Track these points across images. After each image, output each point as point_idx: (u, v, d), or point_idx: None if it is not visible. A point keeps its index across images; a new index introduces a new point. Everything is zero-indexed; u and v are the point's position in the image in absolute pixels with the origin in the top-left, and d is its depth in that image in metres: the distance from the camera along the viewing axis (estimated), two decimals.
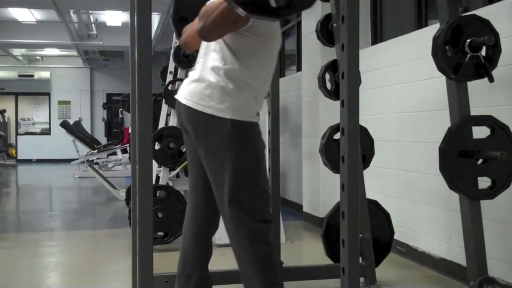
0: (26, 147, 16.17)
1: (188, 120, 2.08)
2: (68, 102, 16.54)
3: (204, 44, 2.12)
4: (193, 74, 2.12)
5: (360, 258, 3.07)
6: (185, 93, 2.08)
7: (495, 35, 2.53)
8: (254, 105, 2.07)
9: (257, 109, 2.12)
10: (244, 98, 2.02)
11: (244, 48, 1.99)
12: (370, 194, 3.39)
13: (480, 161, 2.54)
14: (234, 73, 2.00)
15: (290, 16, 1.75)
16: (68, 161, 10.61)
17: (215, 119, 1.98)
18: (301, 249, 4.44)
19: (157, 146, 4.27)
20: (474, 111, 2.61)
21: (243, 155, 2.00)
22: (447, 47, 2.49)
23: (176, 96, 2.14)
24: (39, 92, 16.42)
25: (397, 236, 3.51)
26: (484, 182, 2.58)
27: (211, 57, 2.05)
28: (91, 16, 11.43)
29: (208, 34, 1.87)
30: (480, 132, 2.57)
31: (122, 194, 7.10)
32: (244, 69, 2.00)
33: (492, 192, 2.56)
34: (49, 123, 16.47)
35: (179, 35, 2.32)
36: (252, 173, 2.01)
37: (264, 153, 2.11)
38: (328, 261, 3.27)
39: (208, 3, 1.85)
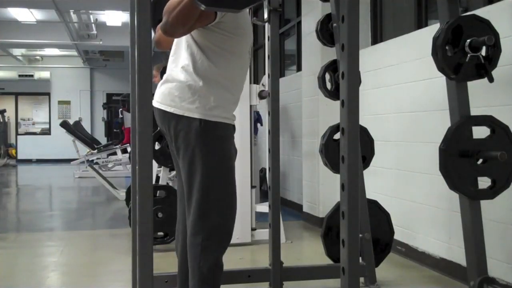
0: (26, 147, 16.18)
1: (162, 123, 2.03)
2: (68, 102, 16.54)
3: (174, 42, 2.08)
4: (165, 75, 2.08)
5: (360, 258, 3.07)
6: (157, 96, 2.04)
7: (495, 35, 2.52)
8: (227, 105, 2.01)
9: (232, 109, 2.05)
10: (215, 97, 1.96)
11: (213, 45, 1.94)
12: (370, 194, 3.39)
13: (480, 161, 2.54)
14: (204, 71, 1.95)
15: (251, 7, 1.72)
16: (68, 161, 10.61)
17: (183, 119, 1.94)
18: (301, 249, 4.44)
19: (157, 146, 4.28)
20: (474, 111, 2.61)
21: (211, 158, 1.94)
22: (447, 47, 2.49)
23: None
24: (39, 92, 16.43)
25: (397, 236, 3.51)
26: (484, 182, 2.58)
27: (181, 56, 2.00)
28: (91, 16, 11.43)
29: (171, 30, 1.81)
30: (480, 132, 2.57)
31: (122, 194, 7.10)
32: (214, 66, 1.95)
33: (492, 192, 2.56)
34: (49, 123, 16.47)
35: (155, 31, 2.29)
36: (220, 179, 1.96)
37: (234, 159, 2.04)
38: (328, 261, 3.27)
39: None
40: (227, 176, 1.99)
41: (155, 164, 4.48)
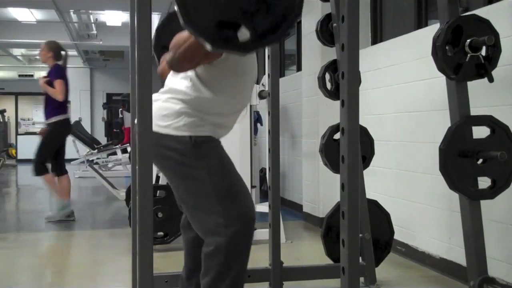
0: (26, 147, 16.14)
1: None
2: (68, 102, 16.52)
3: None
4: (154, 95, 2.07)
5: (360, 258, 3.07)
6: None
7: (495, 35, 2.52)
8: (215, 128, 1.98)
9: (219, 133, 2.01)
10: (204, 121, 1.94)
11: (214, 80, 1.92)
12: (370, 194, 3.39)
13: (480, 161, 2.54)
14: (200, 100, 1.92)
15: (258, 51, 1.71)
16: (68, 161, 10.59)
17: (173, 138, 1.91)
18: (301, 249, 4.44)
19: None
20: (474, 111, 2.61)
21: (216, 168, 1.91)
22: (447, 47, 2.49)
23: None
24: (39, 92, 16.34)
25: (397, 236, 3.51)
26: (484, 182, 2.58)
27: (178, 81, 1.97)
28: (91, 16, 11.43)
29: (178, 66, 1.82)
30: (480, 132, 2.57)
31: (122, 194, 7.10)
32: (211, 97, 1.92)
33: (492, 192, 2.56)
34: None
35: (159, 61, 2.30)
36: (229, 181, 1.93)
37: (231, 162, 2.01)
38: (328, 261, 3.27)
39: (179, 33, 1.77)
40: (234, 177, 1.97)
41: None
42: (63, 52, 5.71)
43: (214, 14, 1.46)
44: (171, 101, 1.94)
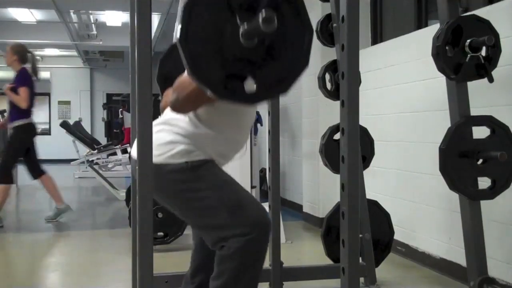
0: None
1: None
2: (68, 102, 16.54)
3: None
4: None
5: (360, 258, 3.07)
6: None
7: (495, 35, 2.52)
8: (213, 156, 1.94)
9: (219, 162, 1.97)
10: (200, 149, 1.90)
11: (213, 119, 1.89)
12: (370, 194, 3.39)
13: (480, 161, 2.54)
14: (197, 135, 1.90)
15: (265, 102, 1.68)
16: (68, 161, 10.60)
17: (169, 166, 1.87)
18: (301, 249, 4.44)
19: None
20: (474, 111, 2.61)
21: (218, 184, 1.88)
22: (447, 47, 2.49)
23: None
24: (39, 92, 16.32)
25: (397, 236, 3.51)
26: (484, 182, 2.58)
27: (176, 115, 1.93)
28: (91, 16, 11.44)
29: (181, 108, 1.80)
30: (480, 132, 2.57)
31: (122, 194, 7.10)
32: (208, 134, 1.90)
33: (492, 192, 2.56)
34: (49, 123, 16.47)
35: (162, 94, 2.30)
36: (235, 193, 1.89)
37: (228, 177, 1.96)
38: (328, 261, 3.27)
39: (184, 75, 1.73)
40: (232, 181, 1.93)
41: None
42: (29, 54, 5.70)
43: (221, 67, 1.44)
44: (165, 131, 1.91)
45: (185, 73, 1.70)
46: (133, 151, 1.98)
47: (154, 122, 1.93)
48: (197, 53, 1.41)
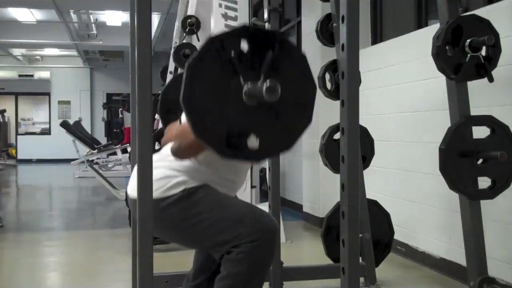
0: (26, 147, 16.17)
1: None
2: (68, 102, 16.54)
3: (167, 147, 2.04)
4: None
5: (360, 258, 3.07)
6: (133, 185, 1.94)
7: (495, 35, 2.52)
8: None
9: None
10: (197, 180, 1.91)
11: (212, 162, 1.90)
12: (370, 194, 3.39)
13: (480, 161, 2.54)
14: (195, 171, 1.92)
15: (266, 160, 1.68)
16: (68, 161, 10.61)
17: (167, 199, 1.87)
18: (301, 249, 4.44)
19: (157, 146, 4.27)
20: (474, 111, 2.61)
21: (216, 202, 1.89)
22: (447, 47, 2.49)
23: None
24: (39, 92, 16.42)
25: (397, 236, 3.51)
26: (484, 182, 2.58)
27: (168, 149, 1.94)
28: (91, 16, 11.44)
29: (182, 155, 1.83)
30: (480, 132, 2.57)
31: (122, 194, 7.10)
32: (207, 173, 1.91)
33: (492, 192, 2.56)
34: (49, 123, 16.47)
35: (165, 125, 2.32)
36: (235, 205, 1.90)
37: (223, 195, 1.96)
38: (328, 261, 3.27)
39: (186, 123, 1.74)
40: (227, 197, 1.95)
41: None
42: None
43: (224, 126, 1.43)
44: (162, 168, 1.91)
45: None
46: (130, 188, 1.99)
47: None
48: (200, 112, 1.41)
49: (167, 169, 1.91)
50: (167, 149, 1.97)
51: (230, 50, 1.41)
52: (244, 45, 1.44)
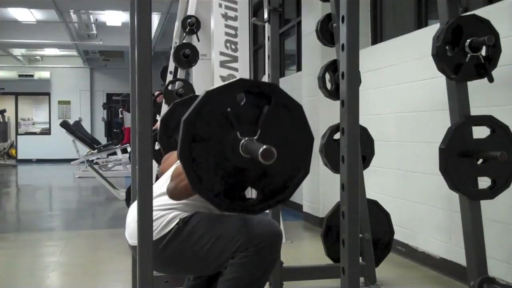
0: (26, 147, 16.17)
1: None
2: (68, 102, 16.54)
3: (164, 178, 2.09)
4: None
5: (360, 258, 3.07)
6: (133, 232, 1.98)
7: (495, 35, 2.52)
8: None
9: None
10: (188, 211, 1.96)
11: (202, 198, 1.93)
12: (370, 194, 3.39)
13: (480, 161, 2.54)
14: (184, 204, 1.95)
15: (264, 211, 1.69)
16: (68, 161, 10.61)
17: (165, 237, 1.91)
18: (301, 249, 4.44)
19: (157, 146, 4.27)
20: (474, 111, 2.61)
21: (213, 222, 1.92)
22: (447, 47, 2.49)
23: None
24: (39, 92, 16.42)
25: (397, 236, 3.51)
26: (484, 182, 2.58)
27: (162, 188, 1.97)
28: (91, 16, 11.44)
29: (178, 196, 1.86)
30: (480, 132, 2.57)
31: (122, 194, 7.10)
32: (196, 204, 1.95)
33: (492, 192, 2.56)
34: (49, 123, 16.47)
35: (165, 152, 2.36)
36: (233, 219, 1.91)
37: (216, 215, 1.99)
38: (328, 261, 3.27)
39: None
40: (222, 214, 1.95)
41: (155, 164, 4.48)
42: None
43: (221, 180, 1.43)
44: (155, 209, 1.93)
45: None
46: (129, 218, 2.01)
47: None
48: (197, 167, 1.41)
49: (159, 210, 1.94)
50: (157, 187, 2.00)
51: (226, 104, 1.41)
52: (241, 98, 1.44)
